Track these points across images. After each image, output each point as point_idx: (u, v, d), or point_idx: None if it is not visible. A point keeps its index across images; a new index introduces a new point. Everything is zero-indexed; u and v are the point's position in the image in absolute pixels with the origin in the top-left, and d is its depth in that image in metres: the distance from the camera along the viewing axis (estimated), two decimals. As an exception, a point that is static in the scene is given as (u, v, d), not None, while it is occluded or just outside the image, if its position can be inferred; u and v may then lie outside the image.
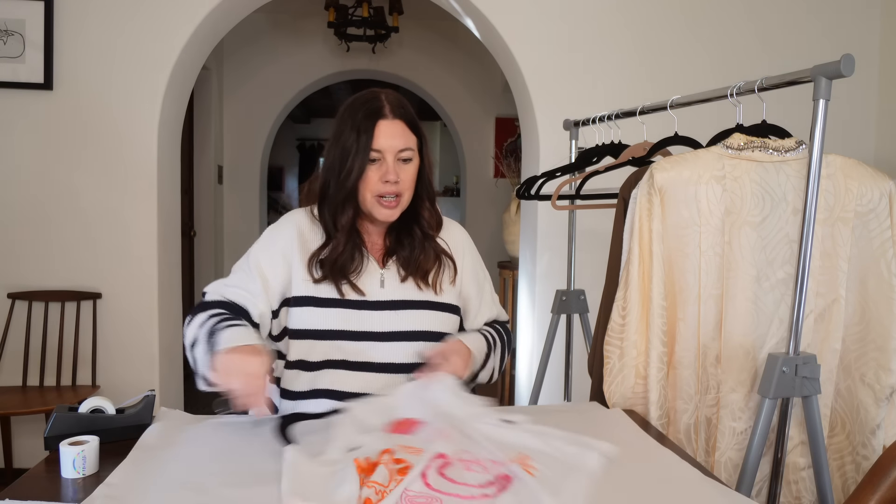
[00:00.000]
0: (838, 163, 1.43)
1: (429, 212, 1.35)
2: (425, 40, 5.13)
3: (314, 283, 1.27)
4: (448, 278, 1.35)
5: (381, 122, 1.24)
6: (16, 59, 2.67)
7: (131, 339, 2.80)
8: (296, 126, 8.28)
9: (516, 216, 4.20)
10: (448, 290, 1.34)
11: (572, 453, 1.03)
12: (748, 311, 1.43)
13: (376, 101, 1.26)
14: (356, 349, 1.26)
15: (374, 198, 1.26)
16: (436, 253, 1.33)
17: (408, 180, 1.27)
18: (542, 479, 0.93)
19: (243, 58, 4.89)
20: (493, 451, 1.00)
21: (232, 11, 2.95)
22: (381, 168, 1.25)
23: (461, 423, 1.07)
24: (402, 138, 1.25)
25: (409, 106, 1.30)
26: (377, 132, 1.24)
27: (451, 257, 1.36)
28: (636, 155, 1.89)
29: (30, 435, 2.80)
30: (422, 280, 1.31)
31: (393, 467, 0.91)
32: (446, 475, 0.94)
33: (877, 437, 1.44)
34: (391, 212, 1.28)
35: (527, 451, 1.01)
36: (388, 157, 1.25)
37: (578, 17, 2.87)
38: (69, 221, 2.75)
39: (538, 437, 1.08)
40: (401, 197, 1.27)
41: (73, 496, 0.90)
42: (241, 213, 4.99)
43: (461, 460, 0.98)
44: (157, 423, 1.15)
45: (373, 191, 1.26)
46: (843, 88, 2.35)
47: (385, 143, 1.24)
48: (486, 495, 0.90)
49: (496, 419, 1.11)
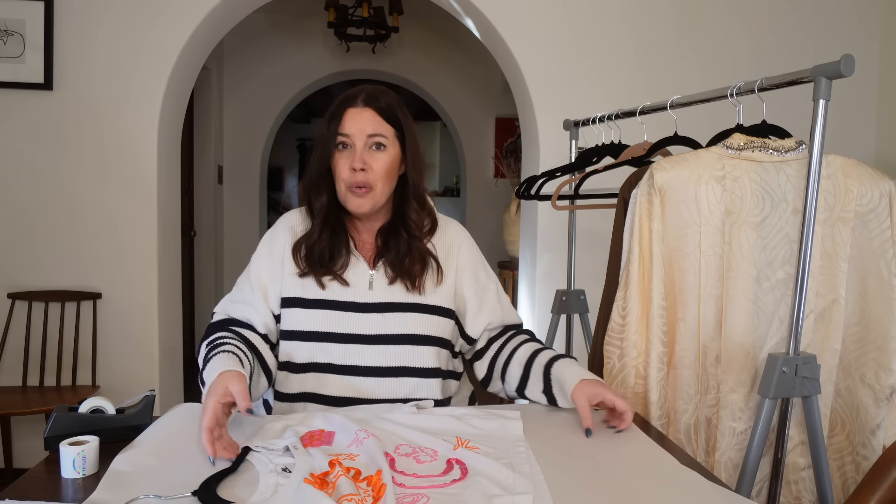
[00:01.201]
0: (838, 163, 1.43)
1: (416, 213, 1.32)
2: (425, 40, 5.13)
3: (300, 276, 1.28)
4: (432, 281, 1.31)
5: (350, 109, 1.26)
6: (16, 59, 2.67)
7: (131, 339, 2.80)
8: (296, 126, 8.28)
9: (516, 216, 4.20)
10: (436, 291, 1.31)
11: (497, 427, 1.11)
12: (748, 311, 1.43)
13: (354, 92, 1.28)
14: (342, 352, 1.25)
15: (347, 188, 1.26)
16: (422, 255, 1.31)
17: (379, 169, 1.25)
18: (491, 456, 1.00)
19: (243, 58, 4.89)
20: (432, 440, 1.04)
21: (232, 11, 2.95)
22: (351, 155, 1.25)
23: (377, 420, 1.11)
24: (371, 124, 1.25)
25: (393, 100, 1.29)
26: (345, 117, 1.25)
27: (436, 259, 1.33)
28: (636, 155, 1.89)
29: (30, 435, 2.80)
30: (410, 282, 1.29)
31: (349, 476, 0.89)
32: (405, 471, 0.95)
33: (877, 437, 1.44)
34: (361, 201, 1.25)
35: (459, 435, 1.08)
36: (356, 142, 1.25)
37: (579, 18, 2.87)
38: (69, 221, 2.75)
39: (457, 420, 1.13)
40: (372, 188, 1.26)
41: (73, 496, 0.89)
42: (241, 213, 4.99)
43: (405, 455, 1.00)
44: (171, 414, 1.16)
45: (345, 180, 1.25)
46: (843, 88, 2.35)
47: (352, 127, 1.24)
48: (455, 480, 0.93)
49: (408, 409, 1.17)
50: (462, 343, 1.39)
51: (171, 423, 1.13)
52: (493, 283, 1.41)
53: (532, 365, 1.30)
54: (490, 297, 1.38)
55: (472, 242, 1.41)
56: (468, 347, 1.41)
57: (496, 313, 1.39)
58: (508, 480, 0.92)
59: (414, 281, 1.29)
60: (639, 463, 1.03)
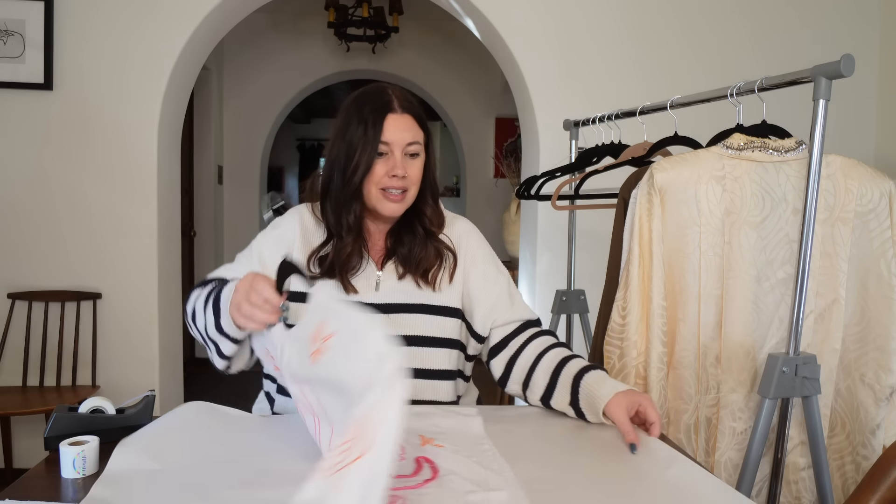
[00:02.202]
0: (838, 163, 1.43)
1: (432, 209, 1.32)
2: (425, 40, 5.13)
3: (310, 279, 1.26)
4: (447, 276, 1.30)
5: (391, 115, 1.22)
6: (16, 59, 2.67)
7: (131, 339, 2.80)
8: (296, 126, 8.29)
9: (516, 216, 4.20)
10: (448, 289, 1.30)
11: (457, 425, 1.10)
12: (748, 312, 1.43)
13: (384, 95, 1.24)
14: None
15: (379, 191, 1.23)
16: (437, 250, 1.29)
17: (415, 175, 1.25)
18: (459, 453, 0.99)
19: (243, 58, 4.89)
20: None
21: (232, 11, 2.95)
22: (389, 162, 1.22)
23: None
24: (411, 132, 1.23)
25: (416, 101, 1.29)
26: (386, 125, 1.21)
27: (453, 252, 1.32)
28: (636, 155, 1.89)
29: (30, 435, 2.80)
30: (421, 278, 1.28)
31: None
32: None
33: (877, 437, 1.44)
34: (397, 206, 1.24)
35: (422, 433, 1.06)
36: (395, 150, 1.22)
37: (579, 17, 2.87)
38: (69, 221, 2.75)
39: (417, 417, 1.12)
40: (407, 192, 1.25)
41: (73, 496, 0.89)
42: (241, 213, 4.99)
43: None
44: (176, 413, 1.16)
45: (378, 184, 1.23)
46: (843, 88, 2.35)
47: (394, 135, 1.22)
48: (427, 480, 0.92)
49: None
50: (474, 344, 1.35)
51: (175, 423, 1.12)
52: (505, 277, 1.37)
53: (560, 374, 1.24)
54: (499, 291, 1.34)
55: (481, 237, 1.39)
56: (480, 347, 1.36)
57: (506, 308, 1.34)
58: (480, 476, 0.92)
59: (426, 275, 1.28)
60: (639, 463, 1.03)
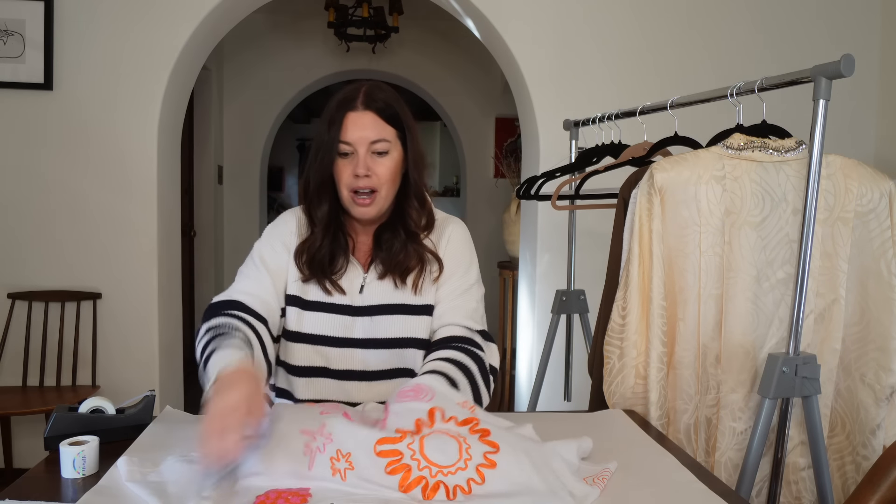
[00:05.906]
0: (838, 163, 1.43)
1: (416, 211, 1.28)
2: (425, 40, 5.13)
3: (303, 282, 1.26)
4: (430, 279, 1.27)
5: (350, 113, 1.20)
6: (16, 59, 2.67)
7: (131, 339, 2.80)
8: (296, 126, 8.27)
9: (516, 216, 4.20)
10: (429, 290, 1.27)
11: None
12: (748, 312, 1.43)
13: (352, 93, 1.22)
14: (337, 355, 1.25)
15: (350, 194, 1.22)
16: (419, 254, 1.26)
17: (383, 174, 1.21)
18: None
19: (243, 58, 4.89)
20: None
21: (232, 12, 2.95)
22: (353, 161, 1.21)
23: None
24: (373, 129, 1.20)
25: (392, 97, 1.24)
26: (346, 123, 1.20)
27: (437, 256, 1.27)
28: (636, 155, 1.89)
29: (30, 435, 2.80)
30: (399, 279, 1.25)
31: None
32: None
33: (877, 437, 1.44)
34: (366, 209, 1.22)
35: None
36: (359, 149, 1.20)
37: (579, 17, 2.87)
38: (69, 221, 2.75)
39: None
40: (377, 193, 1.21)
41: (73, 496, 0.89)
42: (241, 213, 4.99)
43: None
44: (155, 423, 1.15)
45: (348, 186, 1.21)
46: (844, 88, 2.35)
47: (354, 134, 1.19)
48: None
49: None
50: None
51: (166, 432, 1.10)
52: (465, 279, 1.29)
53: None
54: (458, 298, 1.27)
55: (466, 239, 1.33)
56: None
57: (443, 305, 1.26)
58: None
59: (403, 277, 1.25)
60: (639, 463, 1.03)
